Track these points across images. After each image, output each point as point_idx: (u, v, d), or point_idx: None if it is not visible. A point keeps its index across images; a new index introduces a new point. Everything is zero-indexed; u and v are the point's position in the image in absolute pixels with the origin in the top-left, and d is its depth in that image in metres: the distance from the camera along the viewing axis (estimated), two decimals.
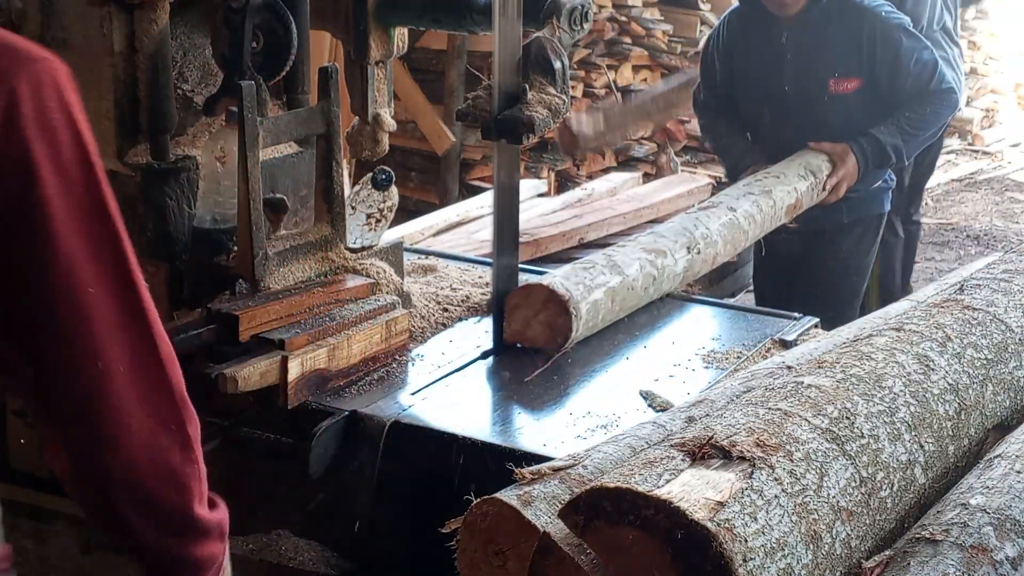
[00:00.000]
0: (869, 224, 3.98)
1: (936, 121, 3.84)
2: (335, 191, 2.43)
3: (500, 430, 2.21)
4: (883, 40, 3.73)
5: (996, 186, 8.82)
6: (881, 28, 3.74)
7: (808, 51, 3.78)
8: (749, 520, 1.43)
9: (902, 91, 3.76)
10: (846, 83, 3.75)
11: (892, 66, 3.74)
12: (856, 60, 3.75)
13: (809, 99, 3.81)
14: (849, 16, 3.75)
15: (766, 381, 1.98)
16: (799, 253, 3.91)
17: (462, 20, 2.49)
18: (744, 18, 3.94)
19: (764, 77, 3.88)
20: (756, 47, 3.88)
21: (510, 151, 2.49)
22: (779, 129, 3.87)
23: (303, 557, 2.22)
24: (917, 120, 3.74)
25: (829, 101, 3.78)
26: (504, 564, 1.65)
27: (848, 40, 3.74)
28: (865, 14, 3.76)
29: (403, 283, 2.56)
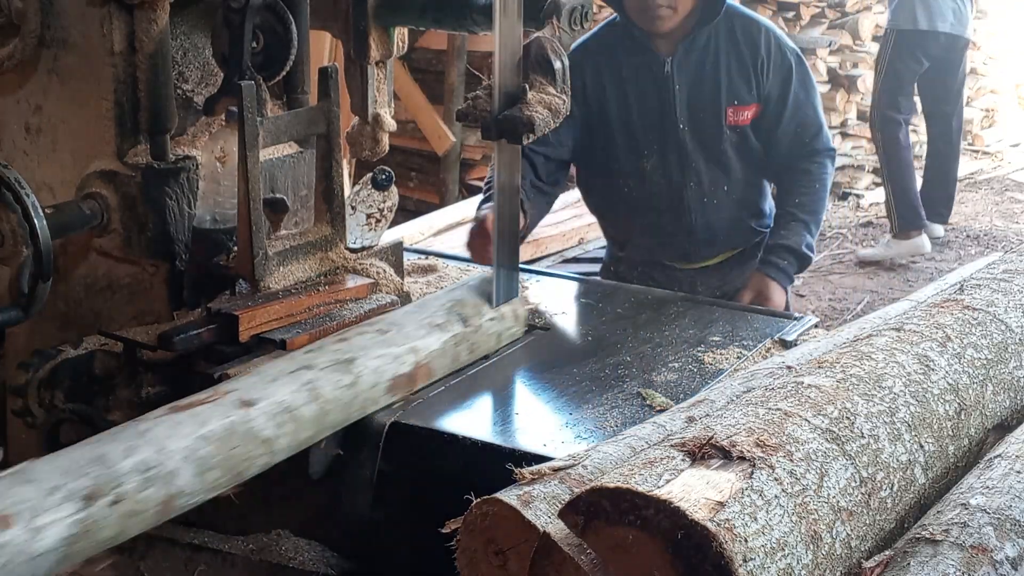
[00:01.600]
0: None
1: (823, 193, 3.29)
2: (335, 191, 2.43)
3: (500, 430, 2.21)
4: (776, 61, 3.22)
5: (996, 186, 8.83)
6: (776, 46, 3.23)
7: (699, 78, 3.21)
8: (749, 520, 1.44)
9: (779, 140, 3.25)
10: (744, 111, 3.22)
11: (779, 96, 3.23)
12: (751, 82, 3.22)
13: (707, 136, 3.24)
14: (742, 30, 3.22)
15: (766, 381, 1.98)
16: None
17: (462, 20, 2.49)
18: (610, 47, 3.28)
19: (651, 118, 3.26)
20: (635, 82, 3.25)
21: (510, 151, 2.49)
22: (679, 179, 3.29)
23: (303, 557, 2.22)
24: (809, 202, 3.25)
25: (728, 135, 3.24)
26: (504, 564, 1.65)
27: (741, 59, 3.21)
28: (758, 27, 3.25)
29: (403, 283, 2.56)
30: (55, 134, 2.38)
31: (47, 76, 2.36)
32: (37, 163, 2.41)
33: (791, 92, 3.25)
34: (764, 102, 3.24)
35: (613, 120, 3.29)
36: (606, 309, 2.82)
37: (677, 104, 3.24)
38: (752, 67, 3.22)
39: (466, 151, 6.97)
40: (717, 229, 3.37)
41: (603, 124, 3.30)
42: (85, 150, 2.35)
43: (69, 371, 2.24)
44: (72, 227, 2.28)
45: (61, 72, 2.34)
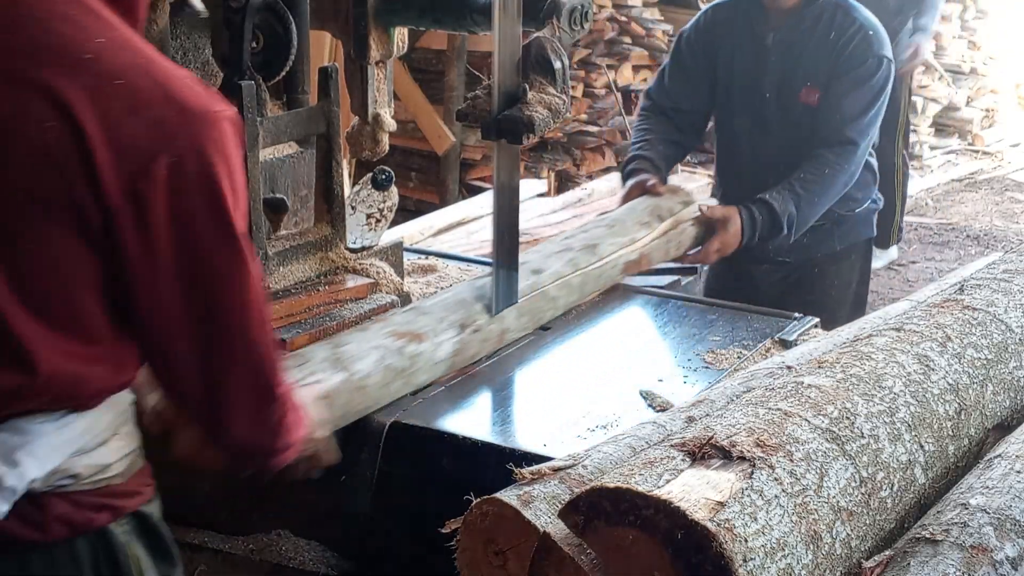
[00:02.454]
0: (860, 250, 3.64)
1: (830, 180, 3.29)
2: (335, 191, 2.43)
3: (500, 430, 2.21)
4: (852, 55, 3.31)
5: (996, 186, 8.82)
6: (859, 43, 3.32)
7: (791, 55, 3.37)
8: (749, 520, 1.43)
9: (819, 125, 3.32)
10: (814, 93, 3.35)
11: (839, 84, 3.31)
12: (825, 69, 3.33)
13: (786, 109, 3.40)
14: (840, 21, 3.35)
15: (766, 381, 1.98)
16: (786, 287, 3.51)
17: (462, 20, 2.49)
18: (729, 15, 3.50)
19: (746, 83, 3.45)
20: (740, 48, 3.45)
21: (510, 151, 2.49)
22: (759, 143, 3.45)
23: (303, 557, 2.22)
24: (812, 182, 3.25)
25: (801, 113, 3.37)
26: (504, 564, 1.65)
27: (826, 47, 3.34)
28: (853, 23, 3.35)
29: (403, 283, 2.56)
30: None
31: None
32: None
33: (849, 88, 3.32)
34: (826, 88, 3.33)
35: (721, 82, 3.50)
36: (606, 309, 2.82)
37: (768, 74, 3.41)
38: (832, 58, 3.33)
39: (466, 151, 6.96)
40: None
41: (713, 85, 3.52)
42: None
43: None
44: None
45: None
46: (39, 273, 1.43)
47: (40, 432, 1.48)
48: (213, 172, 1.44)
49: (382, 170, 2.55)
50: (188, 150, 1.42)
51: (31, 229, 1.41)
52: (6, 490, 1.46)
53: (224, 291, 1.50)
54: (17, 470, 1.46)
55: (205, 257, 1.47)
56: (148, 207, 1.41)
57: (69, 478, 1.51)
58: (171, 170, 1.41)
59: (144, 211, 1.41)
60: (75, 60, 1.40)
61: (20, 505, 1.48)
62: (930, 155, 9.20)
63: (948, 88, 9.29)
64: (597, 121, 6.97)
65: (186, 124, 1.42)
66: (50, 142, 1.38)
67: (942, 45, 9.33)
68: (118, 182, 1.39)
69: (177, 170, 1.41)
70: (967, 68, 9.54)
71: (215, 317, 1.50)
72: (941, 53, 9.32)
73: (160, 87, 1.43)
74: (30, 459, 1.47)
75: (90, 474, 1.53)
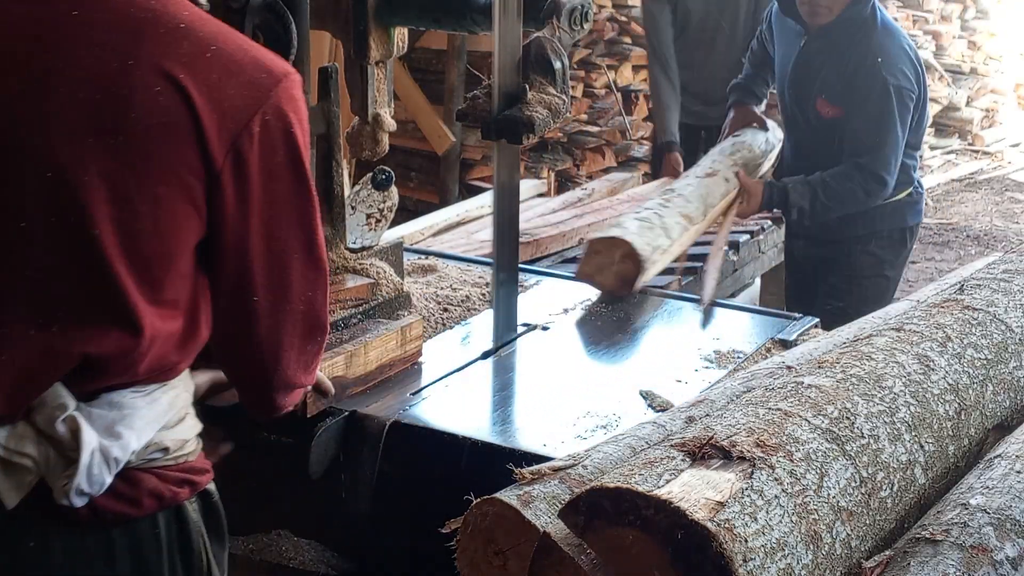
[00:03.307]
0: (890, 237, 3.77)
1: (852, 201, 3.55)
2: (335, 191, 2.43)
3: (500, 430, 2.21)
4: (866, 79, 3.50)
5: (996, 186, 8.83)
6: (873, 67, 3.49)
7: (811, 65, 3.62)
8: (749, 520, 1.43)
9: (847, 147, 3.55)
10: (828, 108, 3.59)
11: (856, 110, 3.52)
12: (839, 87, 3.56)
13: (802, 113, 3.70)
14: (858, 41, 3.53)
15: (766, 381, 1.98)
16: (818, 263, 3.82)
17: (462, 20, 2.49)
18: (780, 11, 3.81)
19: (782, 79, 3.79)
20: (783, 45, 3.78)
21: (510, 151, 2.49)
22: (795, 124, 3.79)
23: (303, 557, 2.22)
24: (834, 192, 3.52)
25: (818, 123, 3.64)
26: (504, 564, 1.65)
27: (843, 64, 3.55)
28: (871, 45, 3.52)
29: (403, 283, 2.56)
30: None
31: None
32: None
33: (863, 111, 3.51)
34: (845, 109, 3.54)
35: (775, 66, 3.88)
36: (606, 309, 2.82)
37: (789, 76, 3.71)
38: (844, 78, 3.54)
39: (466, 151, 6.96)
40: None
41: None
42: None
43: None
44: None
45: None
46: (148, 236, 1.50)
47: (134, 406, 1.55)
48: (293, 127, 1.55)
49: (382, 170, 2.55)
50: (275, 108, 1.53)
51: (145, 192, 1.48)
52: (112, 461, 1.53)
53: (297, 233, 1.60)
54: (120, 442, 1.53)
55: (286, 203, 1.57)
56: (246, 162, 1.52)
57: (159, 452, 1.59)
58: (263, 127, 1.52)
59: (243, 166, 1.52)
60: (171, 32, 1.49)
61: (113, 481, 1.54)
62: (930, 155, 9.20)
63: (948, 88, 9.29)
64: (597, 121, 6.96)
65: (272, 84, 1.53)
66: (162, 108, 1.46)
67: (942, 45, 9.33)
68: (221, 142, 1.49)
69: (267, 126, 1.52)
70: (967, 68, 9.54)
71: (287, 261, 1.60)
72: (941, 53, 9.33)
73: (245, 52, 1.55)
74: (130, 432, 1.54)
75: (176, 449, 1.61)
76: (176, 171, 1.48)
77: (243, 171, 1.52)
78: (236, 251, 1.56)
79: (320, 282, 1.66)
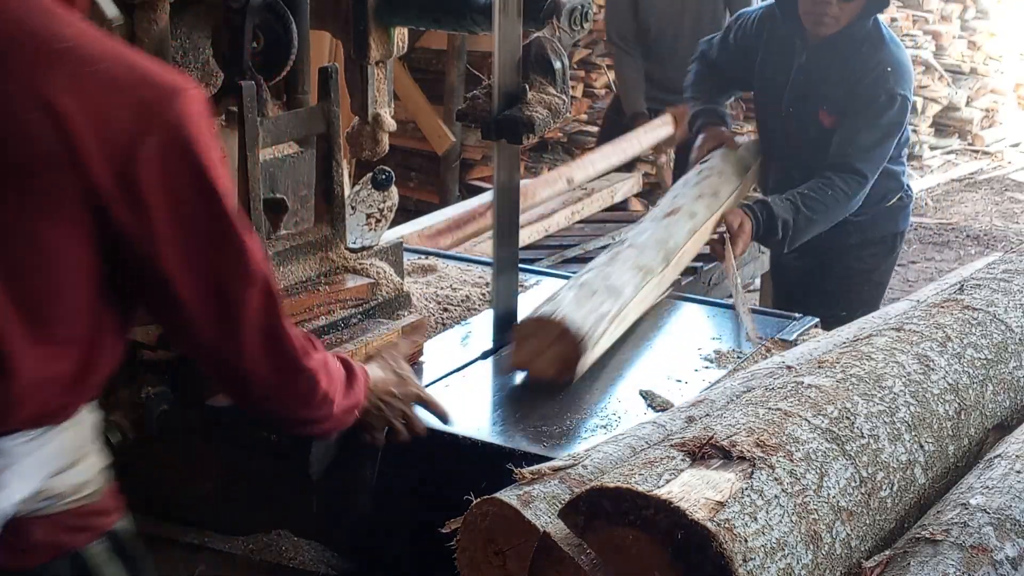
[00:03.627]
0: (881, 244, 3.73)
1: (835, 207, 3.39)
2: (335, 191, 2.43)
3: (500, 430, 2.21)
4: (869, 88, 3.42)
5: (996, 186, 8.83)
6: (877, 77, 3.43)
7: (813, 77, 3.52)
8: (749, 520, 1.43)
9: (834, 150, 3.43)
10: (829, 118, 3.48)
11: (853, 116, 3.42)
12: (841, 98, 3.46)
13: (804, 126, 3.55)
14: (863, 52, 3.46)
15: (766, 381, 1.98)
16: (810, 271, 3.72)
17: (462, 20, 2.49)
18: (775, 20, 3.64)
19: (770, 91, 3.64)
20: (773, 54, 3.62)
21: (510, 151, 2.49)
22: (782, 144, 3.64)
23: (303, 557, 2.22)
24: (815, 200, 3.35)
25: (818, 134, 3.49)
26: (504, 564, 1.65)
27: (846, 76, 3.46)
28: (876, 57, 3.45)
29: (403, 283, 2.56)
30: None
31: None
32: None
33: (863, 123, 3.41)
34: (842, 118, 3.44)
35: (756, 79, 3.71)
36: None
37: (789, 91, 3.56)
38: (849, 88, 3.44)
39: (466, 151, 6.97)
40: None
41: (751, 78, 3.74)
42: None
43: None
44: None
45: None
46: (31, 272, 1.43)
47: (21, 452, 1.46)
48: (194, 146, 1.45)
49: (382, 170, 2.55)
50: (168, 128, 1.43)
51: (22, 228, 1.41)
52: None
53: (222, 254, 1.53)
54: (5, 492, 1.45)
55: (202, 227, 1.49)
56: (139, 188, 1.43)
57: (50, 499, 1.50)
58: (156, 149, 1.42)
59: (136, 192, 1.43)
60: (53, 50, 1.41)
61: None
62: (930, 155, 9.20)
63: (948, 88, 9.29)
64: (597, 121, 6.97)
65: (164, 102, 1.43)
66: (35, 139, 1.38)
67: (942, 45, 9.33)
68: (105, 168, 1.40)
69: (161, 148, 1.43)
70: (967, 68, 9.54)
71: (221, 284, 1.54)
72: (941, 53, 9.33)
73: (135, 69, 1.45)
74: (17, 480, 1.46)
75: (70, 494, 1.52)
76: (57, 203, 1.40)
77: (138, 197, 1.43)
78: (156, 281, 1.49)
79: (261, 297, 1.58)
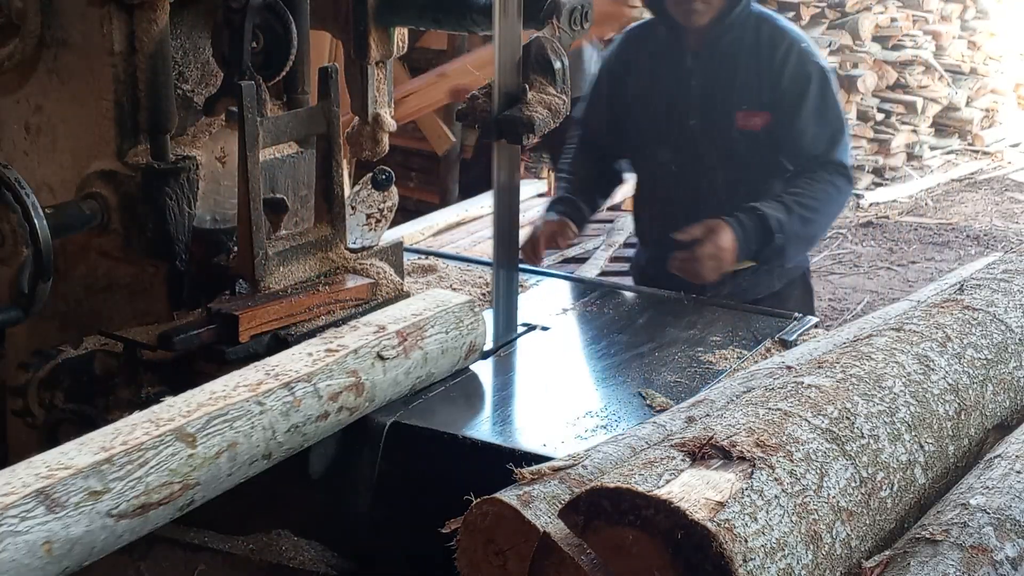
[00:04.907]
0: (799, 284, 3.43)
1: (827, 202, 3.12)
2: (335, 191, 2.43)
3: (500, 430, 2.21)
4: (793, 73, 3.13)
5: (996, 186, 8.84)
6: (797, 58, 3.14)
7: (716, 77, 3.16)
8: (749, 520, 1.43)
9: (794, 152, 3.16)
10: (754, 118, 3.14)
11: (795, 108, 3.12)
12: (764, 90, 3.14)
13: (717, 136, 3.17)
14: (765, 37, 3.16)
15: (766, 381, 1.98)
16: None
17: (462, 20, 2.49)
18: (645, 37, 3.31)
19: (666, 111, 3.24)
20: (657, 73, 3.25)
21: (510, 151, 2.49)
22: (689, 177, 3.22)
23: (303, 557, 2.22)
24: (805, 197, 3.06)
25: (738, 139, 3.15)
26: (504, 564, 1.65)
27: (759, 65, 3.14)
28: (784, 37, 3.17)
29: (403, 283, 2.56)
30: (55, 134, 2.38)
31: (47, 76, 2.36)
32: (37, 163, 2.41)
33: (805, 106, 3.15)
34: (776, 112, 3.14)
35: (637, 110, 3.29)
36: (606, 309, 2.82)
37: (691, 101, 3.19)
38: (768, 76, 3.14)
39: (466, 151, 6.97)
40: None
41: (629, 113, 3.31)
42: (85, 150, 2.35)
43: (69, 371, 2.24)
44: (72, 227, 2.28)
45: (61, 72, 2.34)
46: None
47: None
48: None
49: (382, 170, 2.55)
50: None
51: None
52: None
53: None
54: None
55: None
56: None
57: None
58: None
59: None
60: None
61: None
62: (930, 155, 9.21)
63: (948, 88, 9.30)
64: None
65: None
66: None
67: (942, 45, 9.34)
68: None
69: None
70: (967, 68, 9.55)
71: None
72: (941, 53, 9.33)
73: None
74: None
75: None
76: None
77: None
78: None
79: None
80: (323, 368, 2.00)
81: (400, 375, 2.17)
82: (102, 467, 1.62)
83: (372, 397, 2.11)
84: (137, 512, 1.66)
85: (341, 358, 2.04)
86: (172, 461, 1.70)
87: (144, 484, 1.66)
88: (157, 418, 1.75)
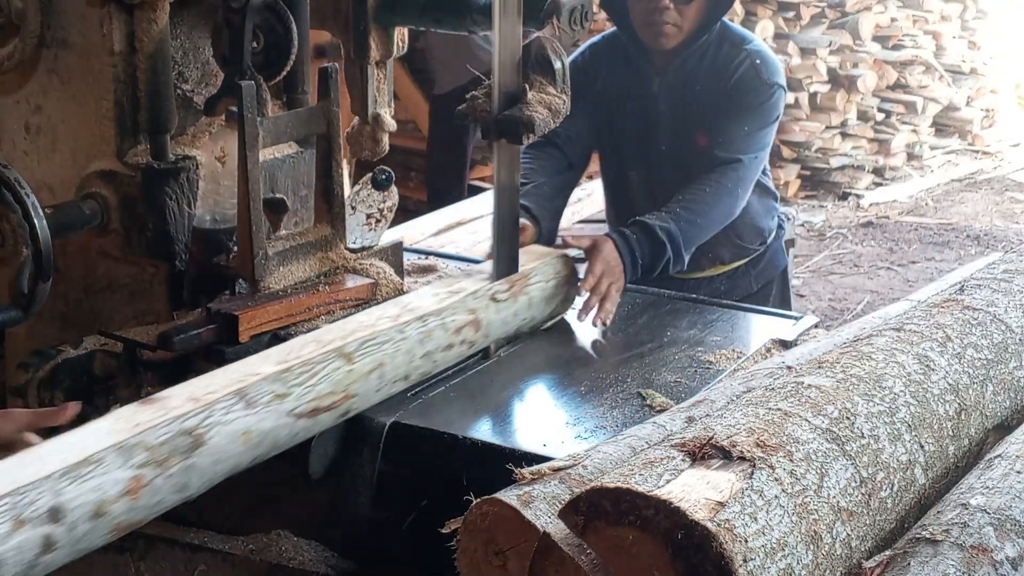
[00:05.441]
0: (777, 283, 3.42)
1: (716, 204, 2.99)
2: (335, 191, 2.43)
3: (500, 430, 2.21)
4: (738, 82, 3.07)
5: (996, 186, 8.83)
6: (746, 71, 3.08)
7: (682, 101, 3.11)
8: (749, 520, 1.43)
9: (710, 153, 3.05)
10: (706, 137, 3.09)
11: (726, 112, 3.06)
12: (718, 101, 3.08)
13: (685, 157, 3.11)
14: (723, 54, 3.10)
15: (766, 381, 1.98)
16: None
17: (462, 20, 2.49)
18: (610, 55, 3.24)
19: (637, 134, 3.20)
20: (625, 95, 3.19)
21: (510, 151, 2.49)
22: (658, 196, 3.07)
23: (303, 557, 2.21)
24: (693, 201, 2.94)
25: (698, 159, 3.08)
26: (504, 564, 1.65)
27: (716, 85, 3.09)
28: (739, 53, 3.10)
29: (403, 283, 2.56)
30: (55, 134, 2.38)
31: (47, 76, 2.36)
32: (37, 163, 2.41)
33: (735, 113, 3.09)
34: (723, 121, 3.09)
35: (606, 128, 3.26)
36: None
37: (660, 124, 3.17)
38: (721, 90, 3.10)
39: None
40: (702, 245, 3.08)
41: (600, 130, 3.28)
42: (85, 150, 2.34)
43: (69, 371, 2.23)
44: (72, 227, 2.28)
45: (61, 72, 2.34)
46: None
47: None
48: None
49: (382, 170, 2.55)
50: None
51: None
52: None
53: None
54: None
55: None
56: None
57: None
58: None
59: None
60: None
61: None
62: (930, 155, 9.20)
63: (948, 88, 9.29)
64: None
65: None
66: None
67: (942, 45, 9.33)
68: None
69: None
70: (967, 68, 9.54)
71: None
72: (941, 53, 9.33)
73: None
74: None
75: None
76: None
77: None
78: None
79: None
80: (449, 306, 2.30)
81: (509, 316, 2.47)
82: (283, 375, 1.94)
83: (487, 334, 2.41)
84: (311, 413, 1.98)
85: (462, 298, 2.34)
86: (336, 374, 2.03)
87: (316, 391, 1.98)
88: (320, 339, 2.08)
